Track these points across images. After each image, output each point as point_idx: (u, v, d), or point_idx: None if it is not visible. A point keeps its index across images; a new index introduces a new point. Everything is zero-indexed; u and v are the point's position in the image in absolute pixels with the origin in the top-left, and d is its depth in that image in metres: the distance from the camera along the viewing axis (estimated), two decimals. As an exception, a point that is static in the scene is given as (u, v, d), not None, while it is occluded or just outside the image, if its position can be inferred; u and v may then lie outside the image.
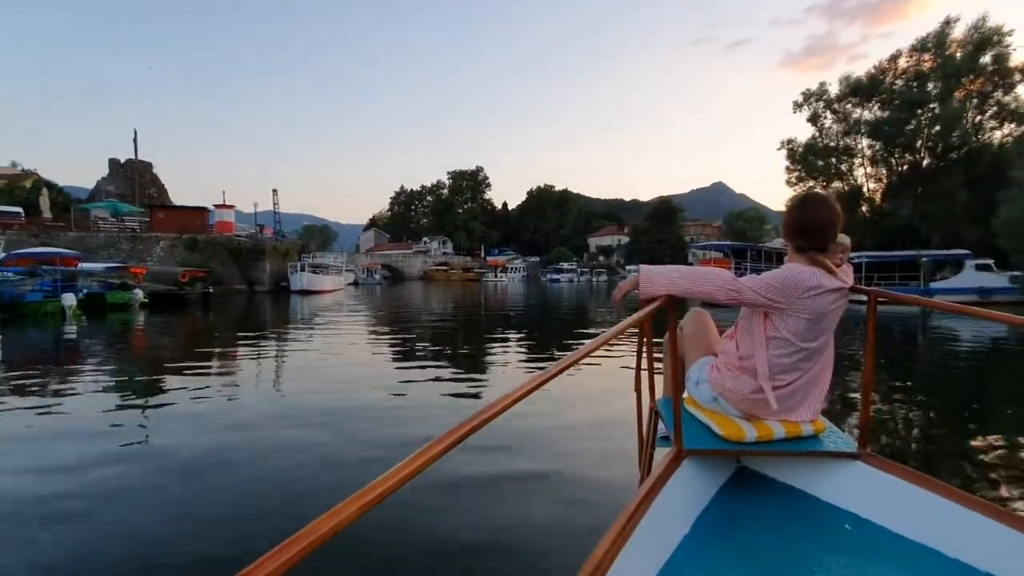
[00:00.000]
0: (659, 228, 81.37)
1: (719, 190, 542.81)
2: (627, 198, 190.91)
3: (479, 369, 8.69)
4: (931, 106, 29.61)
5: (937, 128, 28.95)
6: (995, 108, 28.18)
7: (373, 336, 13.81)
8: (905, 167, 31.43)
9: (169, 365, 9.05)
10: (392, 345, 12.00)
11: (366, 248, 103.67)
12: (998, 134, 28.57)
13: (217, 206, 37.76)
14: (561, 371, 0.91)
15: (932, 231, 25.72)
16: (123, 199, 40.98)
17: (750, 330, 1.67)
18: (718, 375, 1.75)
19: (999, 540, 1.30)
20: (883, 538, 1.46)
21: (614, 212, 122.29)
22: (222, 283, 32.19)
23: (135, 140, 46.83)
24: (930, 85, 29.63)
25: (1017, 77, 27.74)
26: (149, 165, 64.08)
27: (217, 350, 11.01)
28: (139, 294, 20.65)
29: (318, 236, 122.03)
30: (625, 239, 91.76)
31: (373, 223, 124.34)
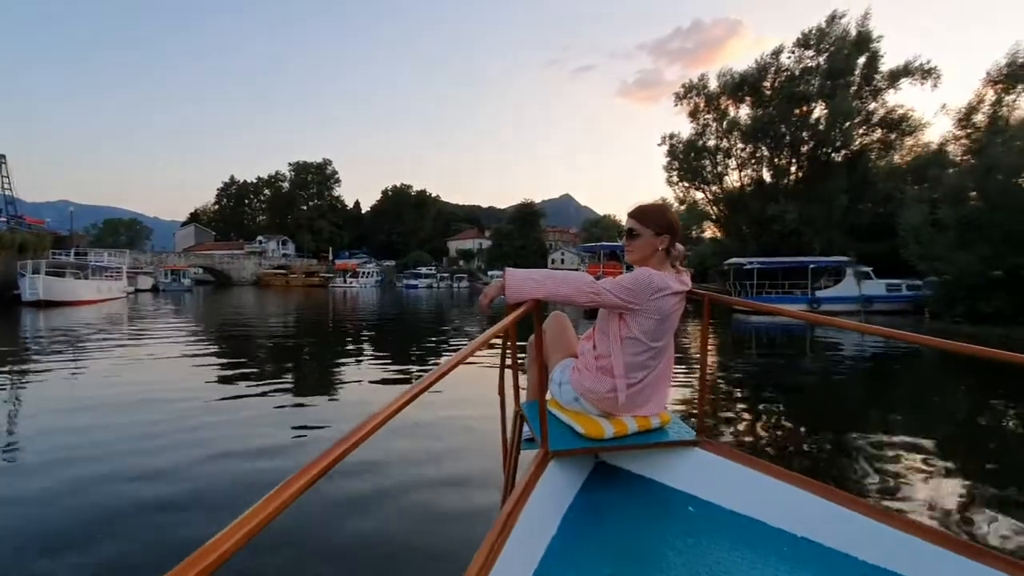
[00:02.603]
0: (522, 232, 79.69)
1: (567, 202, 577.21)
2: (484, 204, 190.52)
3: (322, 396, 6.86)
4: (812, 105, 28.68)
5: (821, 128, 28.06)
6: (863, 114, 27.82)
7: (148, 368, 8.99)
8: (789, 170, 30.41)
9: None
10: (185, 378, 8.10)
11: (183, 247, 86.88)
12: (866, 140, 28.31)
13: None
14: (431, 384, 0.87)
15: (814, 237, 25.46)
16: None
17: (607, 331, 1.73)
18: (578, 376, 1.80)
19: (812, 509, 1.48)
20: (720, 515, 1.58)
21: (473, 216, 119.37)
22: None
23: None
24: (812, 83, 28.49)
25: (884, 83, 27.76)
26: None
27: None
28: None
29: (124, 232, 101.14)
30: (487, 243, 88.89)
31: (195, 218, 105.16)
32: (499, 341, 2.08)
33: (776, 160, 30.53)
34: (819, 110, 28.83)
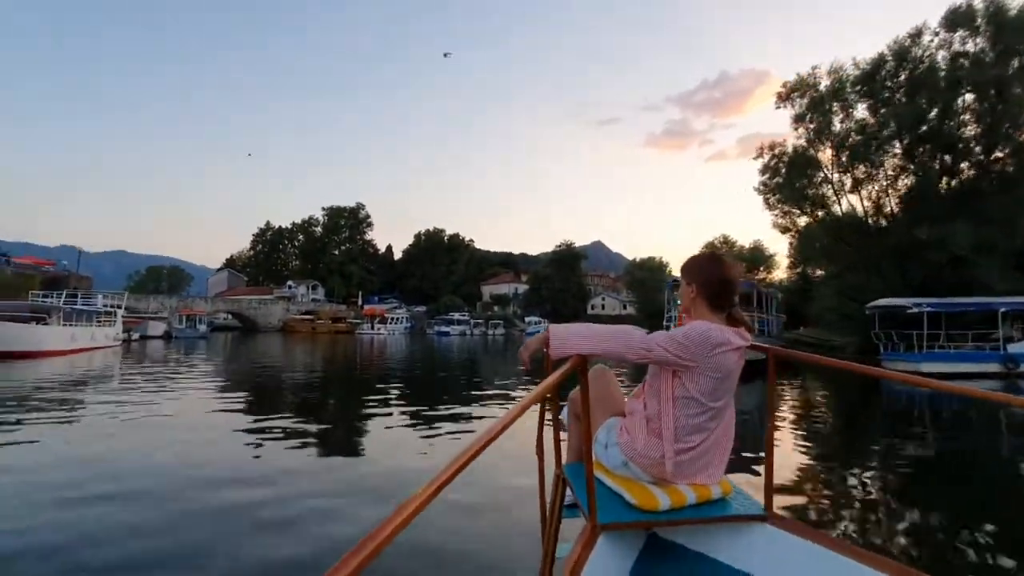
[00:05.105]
0: (561, 275, 74.63)
1: (598, 248, 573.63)
2: (516, 251, 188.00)
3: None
4: (970, 98, 22.00)
5: (990, 122, 21.11)
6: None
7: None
8: (945, 179, 23.36)
9: None
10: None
11: (215, 292, 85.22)
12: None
13: None
14: (478, 452, 0.81)
15: (989, 270, 18.63)
16: None
17: (658, 389, 1.59)
18: (628, 438, 1.64)
19: None
20: None
21: (508, 260, 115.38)
22: None
23: None
24: (975, 70, 21.45)
25: None
26: None
27: None
28: None
29: (166, 279, 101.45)
30: (523, 288, 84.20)
31: (231, 263, 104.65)
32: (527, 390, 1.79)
33: (924, 169, 23.67)
34: (975, 103, 22.35)
